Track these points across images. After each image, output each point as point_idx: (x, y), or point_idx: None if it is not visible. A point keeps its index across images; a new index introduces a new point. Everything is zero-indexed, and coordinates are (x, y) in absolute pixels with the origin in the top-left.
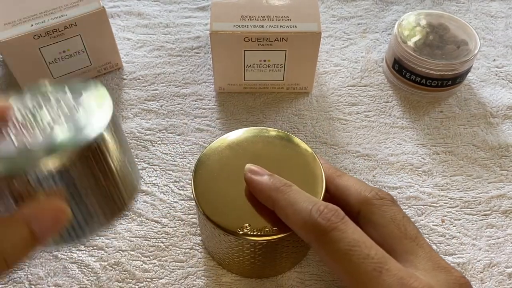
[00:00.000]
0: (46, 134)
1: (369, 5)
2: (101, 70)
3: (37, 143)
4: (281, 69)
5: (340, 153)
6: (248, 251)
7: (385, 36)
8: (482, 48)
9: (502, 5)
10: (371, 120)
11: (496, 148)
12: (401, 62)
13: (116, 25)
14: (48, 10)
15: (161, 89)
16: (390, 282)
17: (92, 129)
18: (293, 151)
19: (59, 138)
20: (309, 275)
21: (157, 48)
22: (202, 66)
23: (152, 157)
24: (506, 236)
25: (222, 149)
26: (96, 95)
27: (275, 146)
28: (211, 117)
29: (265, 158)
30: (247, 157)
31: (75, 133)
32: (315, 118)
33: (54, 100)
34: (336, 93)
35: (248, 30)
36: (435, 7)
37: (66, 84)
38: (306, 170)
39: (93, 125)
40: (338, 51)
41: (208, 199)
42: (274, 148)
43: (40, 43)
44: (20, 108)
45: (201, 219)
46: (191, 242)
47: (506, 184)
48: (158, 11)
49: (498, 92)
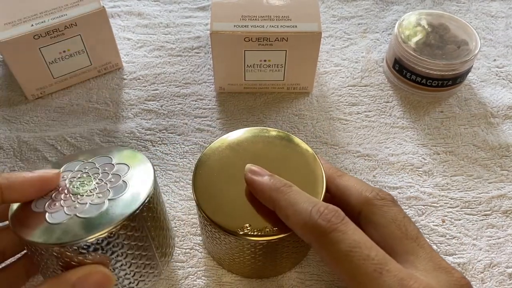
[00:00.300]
0: (94, 204)
1: (369, 5)
2: (101, 70)
3: (87, 212)
4: (281, 69)
5: (341, 153)
6: (248, 251)
7: (386, 36)
8: (483, 48)
9: (502, 5)
10: (371, 120)
11: (497, 148)
12: (402, 62)
13: (116, 25)
14: (48, 10)
15: (161, 89)
16: (390, 283)
17: (137, 201)
18: (293, 151)
19: (107, 208)
20: (309, 275)
21: (157, 48)
22: (202, 66)
23: (152, 157)
24: (507, 236)
25: (222, 149)
26: (141, 168)
27: (276, 146)
28: (212, 117)
29: (265, 158)
30: (247, 157)
31: (121, 203)
32: (316, 118)
33: (100, 169)
34: (336, 93)
35: (248, 30)
36: (435, 7)
37: (112, 153)
38: (306, 170)
39: (138, 196)
40: (339, 51)
41: (208, 199)
42: (274, 148)
43: (40, 43)
44: (69, 176)
45: (201, 219)
46: (191, 242)
47: (507, 184)
48: (158, 11)
49: (499, 92)
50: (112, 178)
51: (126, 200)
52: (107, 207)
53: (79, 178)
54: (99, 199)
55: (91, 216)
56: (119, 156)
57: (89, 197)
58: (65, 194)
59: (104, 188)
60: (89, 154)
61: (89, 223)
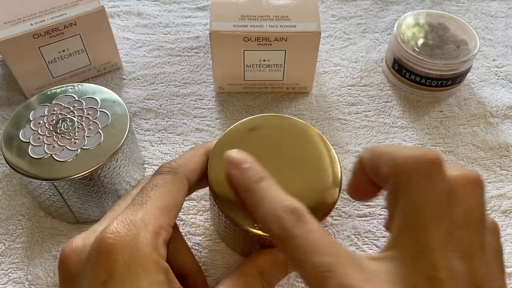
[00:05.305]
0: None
1: (369, 5)
2: (100, 69)
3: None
4: (280, 69)
5: (340, 153)
6: (260, 244)
7: (385, 36)
8: (482, 48)
9: (502, 5)
10: (370, 120)
11: (496, 148)
12: (401, 62)
13: (116, 24)
14: (47, 9)
15: (160, 89)
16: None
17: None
18: (307, 142)
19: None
20: None
21: (157, 48)
22: (201, 66)
23: (152, 157)
24: (506, 236)
25: (236, 137)
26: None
27: (292, 135)
28: (211, 117)
29: (280, 146)
30: (264, 145)
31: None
32: (315, 118)
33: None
34: (335, 93)
35: (247, 30)
36: (435, 7)
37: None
38: (322, 170)
39: None
40: (338, 51)
41: (225, 194)
42: (290, 137)
43: (39, 42)
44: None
45: (215, 213)
46: (190, 242)
47: (506, 184)
48: (157, 11)
49: (498, 92)
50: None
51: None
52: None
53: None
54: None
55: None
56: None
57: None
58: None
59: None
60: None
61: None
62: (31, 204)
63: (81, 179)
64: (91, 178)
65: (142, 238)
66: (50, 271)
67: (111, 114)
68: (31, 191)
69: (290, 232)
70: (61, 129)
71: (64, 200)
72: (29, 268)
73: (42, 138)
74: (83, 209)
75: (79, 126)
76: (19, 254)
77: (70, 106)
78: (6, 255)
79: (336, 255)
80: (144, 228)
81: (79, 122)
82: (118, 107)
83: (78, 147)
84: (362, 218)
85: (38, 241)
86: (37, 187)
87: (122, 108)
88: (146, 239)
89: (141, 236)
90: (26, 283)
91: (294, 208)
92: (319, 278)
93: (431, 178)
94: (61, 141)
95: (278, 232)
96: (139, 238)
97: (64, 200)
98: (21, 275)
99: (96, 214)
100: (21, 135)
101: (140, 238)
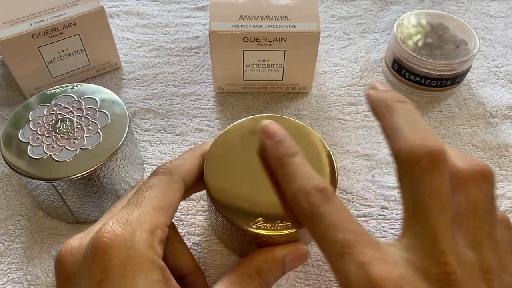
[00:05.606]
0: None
1: (368, 5)
2: (100, 69)
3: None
4: (280, 69)
5: (339, 153)
6: (258, 244)
7: (385, 36)
8: (482, 48)
9: (501, 5)
10: (370, 120)
11: (496, 148)
12: (401, 62)
13: (115, 24)
14: (47, 9)
15: (160, 89)
16: (349, 267)
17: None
18: (306, 142)
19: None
20: (309, 275)
21: (156, 48)
22: (201, 66)
23: (151, 157)
24: None
25: (233, 137)
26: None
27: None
28: (210, 117)
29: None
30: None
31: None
32: (314, 118)
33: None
34: (335, 93)
35: (247, 30)
36: (434, 7)
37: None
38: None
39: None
40: (337, 51)
41: (221, 193)
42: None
43: (39, 42)
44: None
45: (213, 213)
46: (190, 242)
47: (506, 184)
48: (157, 11)
49: (498, 92)
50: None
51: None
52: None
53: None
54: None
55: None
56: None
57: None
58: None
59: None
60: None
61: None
62: (30, 204)
63: (80, 179)
64: (90, 178)
65: (137, 237)
66: (49, 271)
67: (110, 114)
68: (30, 191)
69: (318, 209)
70: (60, 129)
71: (63, 200)
72: (28, 268)
73: (41, 138)
74: (82, 209)
75: (78, 126)
76: (18, 254)
77: (69, 106)
78: (5, 255)
79: (358, 233)
80: (139, 227)
81: (78, 122)
82: (118, 107)
83: (77, 147)
84: (362, 218)
85: (37, 241)
86: (36, 187)
87: (121, 108)
88: (141, 238)
89: (137, 235)
90: (25, 283)
91: (324, 187)
92: (339, 254)
93: (432, 173)
94: (60, 141)
95: (307, 207)
96: (134, 237)
97: (63, 200)
98: (20, 275)
99: (95, 214)
100: (20, 135)
101: (135, 237)
